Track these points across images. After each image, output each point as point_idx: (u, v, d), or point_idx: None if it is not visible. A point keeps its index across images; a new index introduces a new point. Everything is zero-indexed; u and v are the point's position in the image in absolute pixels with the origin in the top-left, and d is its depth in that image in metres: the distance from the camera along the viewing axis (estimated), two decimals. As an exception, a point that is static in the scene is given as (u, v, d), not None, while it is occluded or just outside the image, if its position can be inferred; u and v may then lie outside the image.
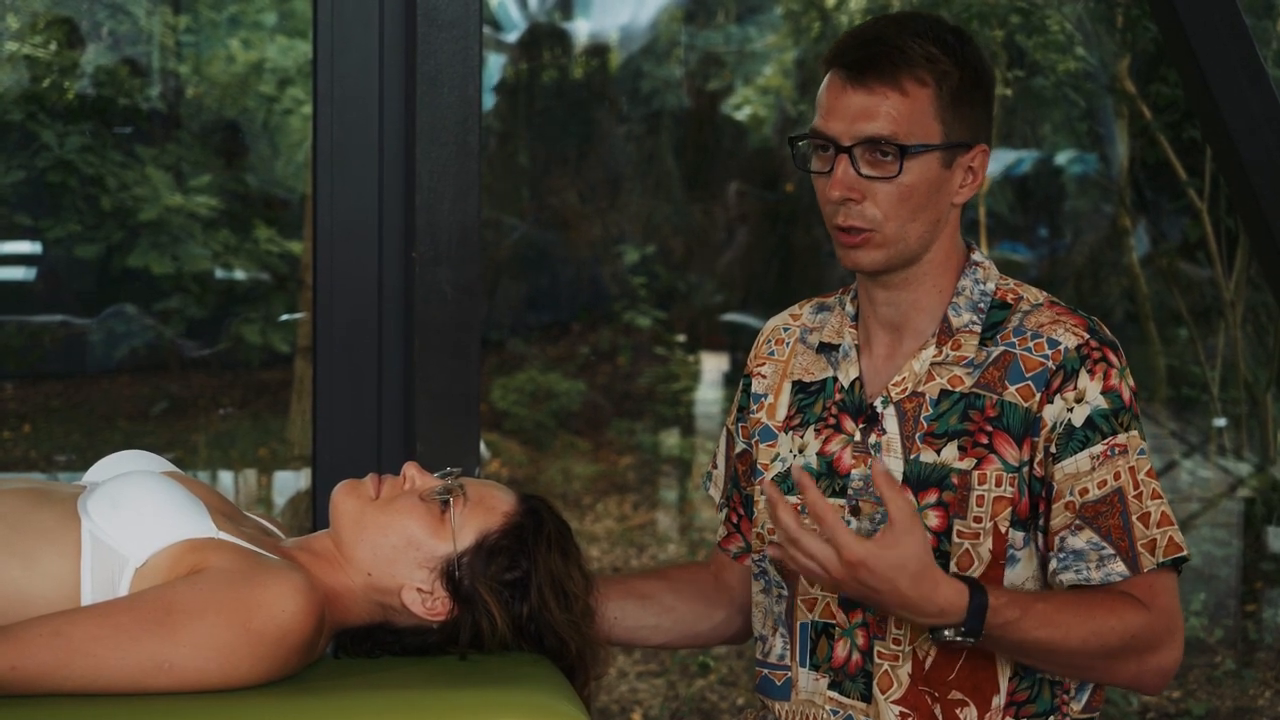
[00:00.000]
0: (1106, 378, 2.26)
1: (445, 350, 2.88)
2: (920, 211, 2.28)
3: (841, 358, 2.39)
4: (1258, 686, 5.66)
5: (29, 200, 5.87)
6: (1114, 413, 2.25)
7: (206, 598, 2.02)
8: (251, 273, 6.08)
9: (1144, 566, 2.23)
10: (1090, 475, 2.24)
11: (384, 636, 2.23)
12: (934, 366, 2.31)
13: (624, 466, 6.58)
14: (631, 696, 5.60)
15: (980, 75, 2.31)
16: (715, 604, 2.50)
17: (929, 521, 2.26)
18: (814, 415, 2.39)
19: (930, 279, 2.33)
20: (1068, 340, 2.27)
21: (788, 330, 2.48)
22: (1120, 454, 2.24)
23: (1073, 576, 2.23)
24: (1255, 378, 6.13)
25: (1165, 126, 6.23)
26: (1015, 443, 2.26)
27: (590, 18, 7.10)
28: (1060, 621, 2.18)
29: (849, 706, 2.32)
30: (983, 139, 2.32)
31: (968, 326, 2.31)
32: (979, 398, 2.28)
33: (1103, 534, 2.23)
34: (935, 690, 2.28)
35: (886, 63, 2.26)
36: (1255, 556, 6.03)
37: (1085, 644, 2.19)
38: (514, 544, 2.21)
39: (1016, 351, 2.29)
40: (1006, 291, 2.34)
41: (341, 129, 2.90)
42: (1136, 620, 2.20)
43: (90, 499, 2.12)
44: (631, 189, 6.73)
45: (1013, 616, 2.15)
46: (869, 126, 2.26)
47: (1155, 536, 2.24)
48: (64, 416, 6.01)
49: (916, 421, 2.30)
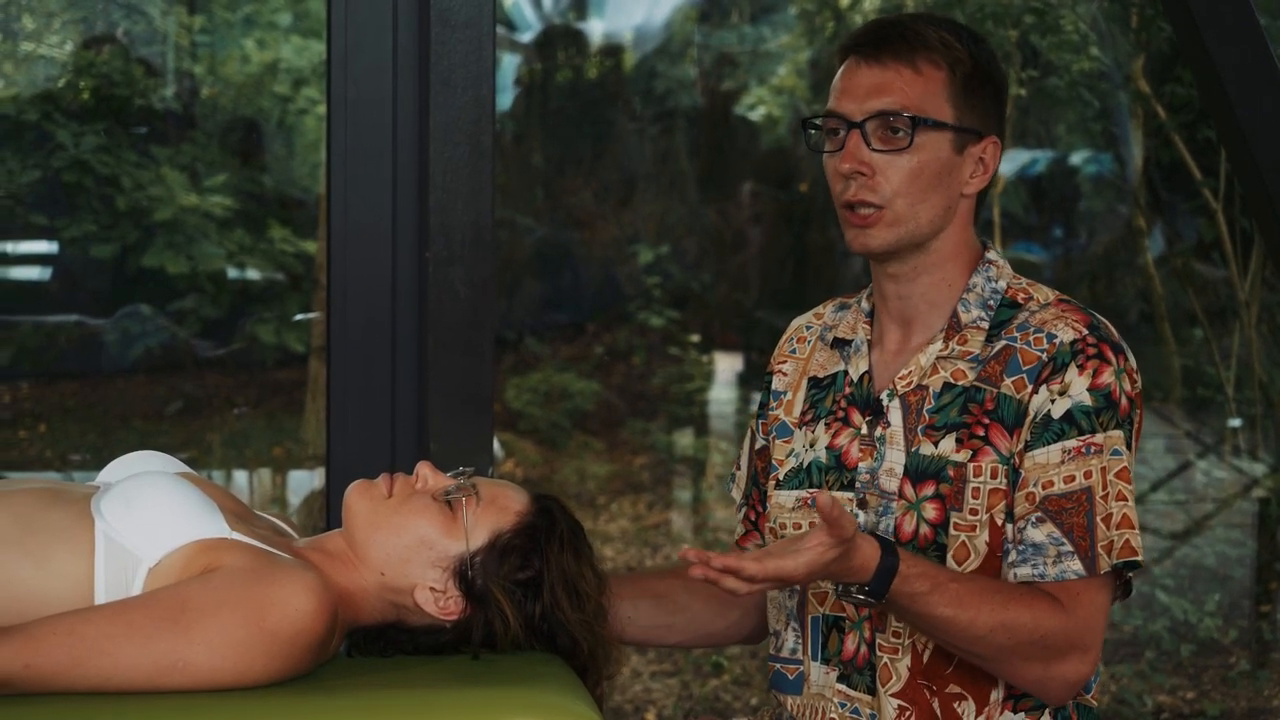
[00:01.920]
0: (1097, 374, 2.24)
1: (458, 349, 2.88)
2: (930, 192, 2.29)
3: (853, 352, 2.40)
4: (1272, 687, 5.65)
5: (44, 200, 5.88)
6: (1096, 411, 2.23)
7: (220, 596, 2.03)
8: (266, 272, 6.08)
9: (1101, 568, 2.21)
10: (1059, 468, 2.22)
11: (397, 636, 2.24)
12: (939, 360, 2.32)
13: (638, 466, 6.58)
14: (645, 696, 5.60)
15: (993, 72, 2.33)
16: (730, 603, 2.49)
17: (926, 514, 2.27)
18: (825, 409, 2.40)
19: (940, 270, 2.33)
20: (1065, 335, 2.27)
21: (810, 329, 2.50)
22: (1095, 453, 2.23)
23: (1028, 571, 2.22)
24: (1270, 378, 6.12)
25: (1180, 126, 6.22)
26: (1009, 435, 2.26)
27: (604, 18, 7.10)
28: (971, 604, 2.16)
29: (855, 699, 2.33)
30: (994, 132, 2.33)
31: (975, 323, 2.32)
32: (979, 391, 2.29)
33: (1064, 530, 2.21)
34: (933, 684, 2.28)
35: (902, 42, 2.29)
36: (1270, 557, 6.02)
37: (992, 633, 2.17)
38: (527, 543, 2.21)
39: (1017, 345, 2.29)
40: (1018, 291, 2.35)
41: (355, 129, 2.90)
42: (1051, 623, 2.18)
43: (104, 499, 2.13)
44: (646, 189, 6.73)
45: (921, 589, 2.15)
46: (881, 101, 2.28)
47: (1113, 538, 2.22)
48: (79, 416, 6.02)
49: (919, 415, 2.31)
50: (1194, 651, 5.76)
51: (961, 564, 2.26)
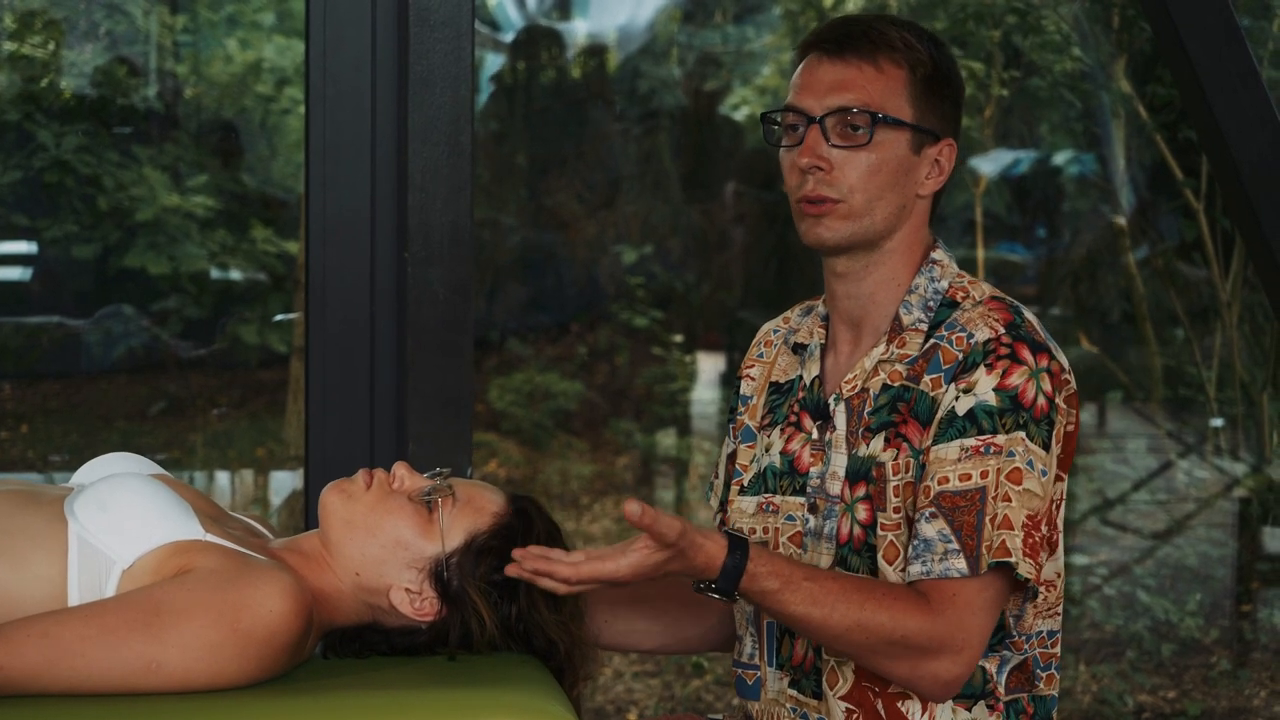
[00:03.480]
0: (1006, 374, 2.22)
1: (437, 350, 2.88)
2: (887, 190, 2.29)
3: (808, 357, 2.40)
4: (1253, 687, 5.65)
5: (25, 200, 5.87)
6: (1000, 411, 2.21)
7: (194, 598, 2.02)
8: (248, 273, 6.07)
9: (983, 569, 2.19)
10: (955, 465, 2.21)
11: (372, 637, 2.23)
12: (880, 364, 2.32)
13: (621, 466, 6.57)
14: (627, 696, 5.60)
15: (952, 75, 2.34)
16: (707, 608, 2.49)
17: (858, 515, 2.27)
18: (782, 415, 2.41)
19: (887, 268, 2.33)
20: (981, 334, 2.25)
21: (776, 333, 2.51)
22: (994, 453, 2.21)
23: (918, 568, 2.20)
24: (1251, 378, 6.13)
25: (1162, 127, 6.23)
26: (922, 430, 2.25)
27: (588, 17, 7.10)
28: (825, 604, 2.15)
29: (804, 704, 2.33)
30: (951, 135, 2.33)
31: (915, 324, 2.31)
32: (907, 390, 2.29)
33: (954, 528, 2.19)
34: (875, 685, 2.28)
35: (864, 40, 2.30)
36: (1251, 557, 6.02)
37: (849, 633, 2.16)
38: (503, 545, 2.21)
39: (940, 344, 2.28)
40: (958, 289, 2.34)
41: (334, 128, 2.90)
42: (912, 623, 2.17)
43: (77, 501, 2.12)
44: (629, 189, 6.72)
45: (771, 586, 2.14)
46: (842, 97, 2.28)
47: (993, 539, 2.19)
48: (61, 417, 6.01)
49: (860, 417, 2.31)
50: (1175, 651, 5.77)
51: (891, 563, 2.25)
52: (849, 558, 2.27)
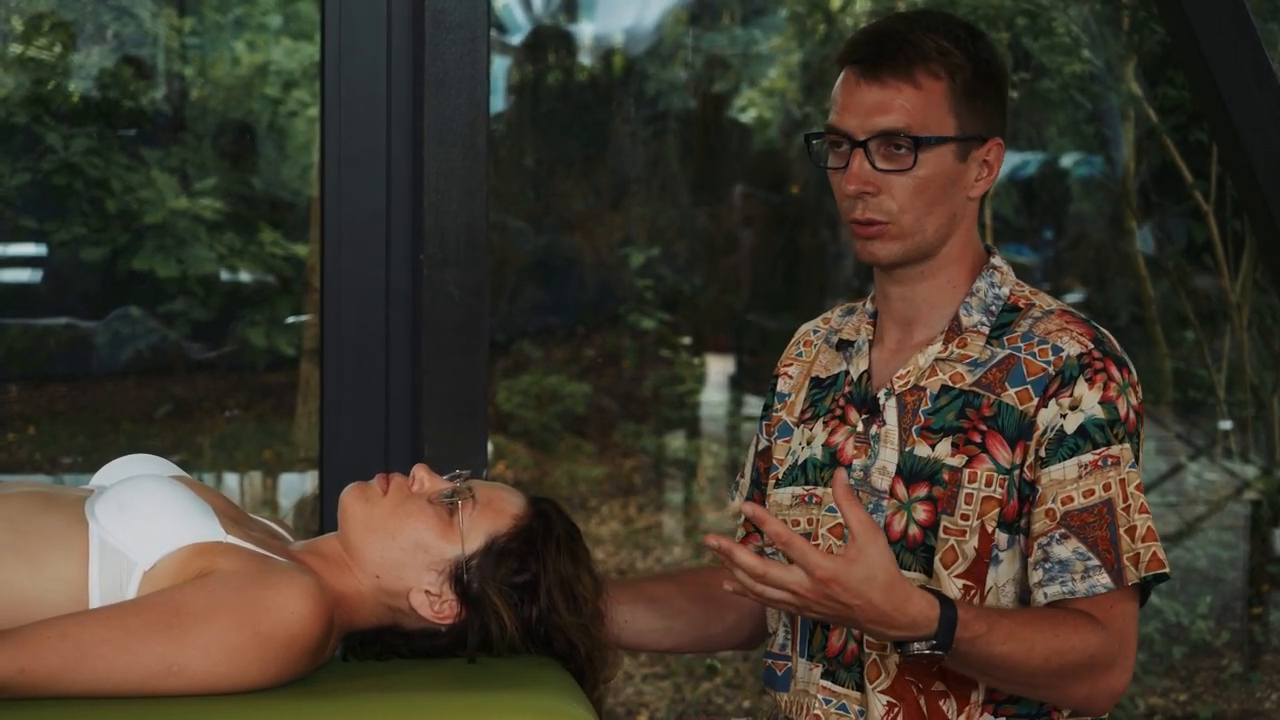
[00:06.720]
0: (1105, 389, 2.25)
1: (452, 352, 2.87)
2: (936, 204, 2.29)
3: (855, 352, 2.40)
4: (1264, 689, 5.65)
5: (34, 203, 5.87)
6: (1109, 424, 2.24)
7: (215, 600, 2.02)
8: (256, 275, 6.08)
9: (1128, 580, 2.22)
10: (1077, 483, 2.23)
11: (393, 639, 2.23)
12: (938, 362, 2.32)
13: (629, 469, 6.57)
14: (638, 699, 5.60)
15: (993, 69, 2.32)
16: (727, 606, 2.48)
17: (917, 515, 2.27)
18: (824, 408, 2.41)
19: (945, 274, 2.34)
20: (1071, 348, 2.27)
21: (816, 333, 2.51)
22: (1112, 465, 2.23)
23: (1058, 589, 2.22)
24: (1261, 380, 6.13)
25: (1171, 129, 6.23)
26: (1009, 445, 2.26)
27: (595, 20, 7.10)
28: (1024, 637, 2.16)
29: (842, 695, 2.32)
30: (997, 132, 2.33)
31: (976, 327, 2.32)
32: (977, 396, 2.28)
33: (1089, 545, 2.21)
34: (920, 681, 2.28)
35: (900, 56, 2.27)
36: (1262, 559, 6.02)
37: (1047, 662, 2.17)
38: (523, 547, 2.20)
39: (1021, 356, 2.29)
40: (1020, 297, 2.35)
41: (349, 131, 2.89)
42: (1095, 640, 2.19)
43: (98, 502, 2.12)
44: (637, 191, 6.72)
45: (980, 630, 2.14)
46: (883, 120, 2.27)
47: (1139, 550, 2.22)
48: (69, 419, 6.01)
49: (915, 415, 2.31)
50: (1186, 654, 5.77)
51: (949, 567, 2.26)
52: (901, 555, 2.26)
